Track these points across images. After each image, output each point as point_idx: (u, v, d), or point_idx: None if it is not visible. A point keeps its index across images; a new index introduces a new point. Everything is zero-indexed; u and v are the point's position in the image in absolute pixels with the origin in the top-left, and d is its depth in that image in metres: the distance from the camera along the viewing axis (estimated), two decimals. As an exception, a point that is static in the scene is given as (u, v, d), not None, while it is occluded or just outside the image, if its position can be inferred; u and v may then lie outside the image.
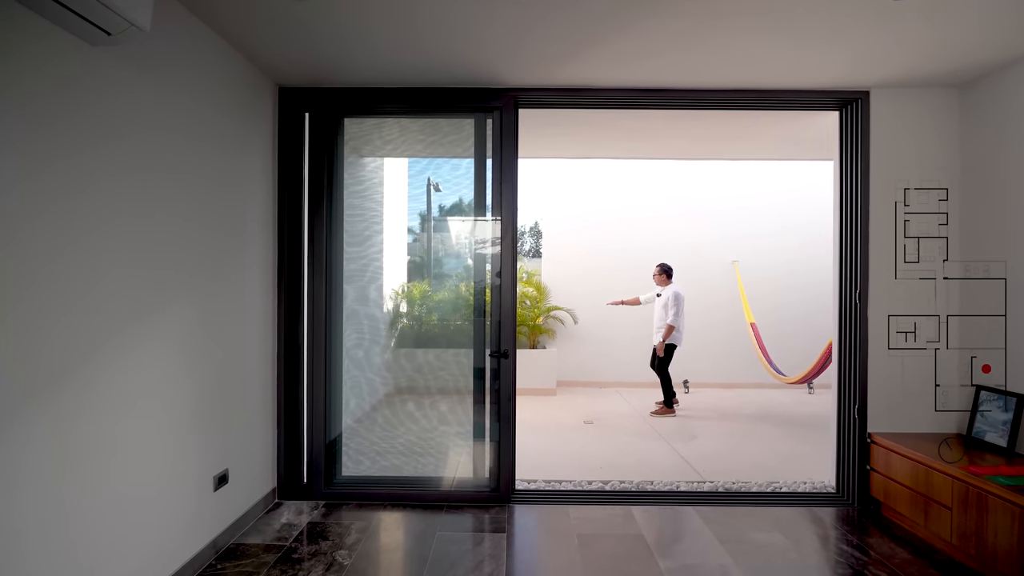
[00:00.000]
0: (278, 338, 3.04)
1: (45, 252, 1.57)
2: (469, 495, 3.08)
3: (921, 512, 2.59)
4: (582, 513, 2.94)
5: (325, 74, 2.89)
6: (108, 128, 1.80)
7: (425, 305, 3.67)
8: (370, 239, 3.45)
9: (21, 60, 1.50)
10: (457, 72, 2.87)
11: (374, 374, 3.44)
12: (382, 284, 3.55)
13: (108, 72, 1.80)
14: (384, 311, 3.57)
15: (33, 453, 1.53)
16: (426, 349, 3.65)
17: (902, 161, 3.00)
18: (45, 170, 1.57)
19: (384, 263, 3.56)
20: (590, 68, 2.80)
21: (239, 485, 2.64)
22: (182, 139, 2.18)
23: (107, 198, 1.79)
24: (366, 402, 3.40)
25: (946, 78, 2.88)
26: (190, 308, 2.25)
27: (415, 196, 3.69)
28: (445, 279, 3.70)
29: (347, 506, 3.00)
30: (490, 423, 3.13)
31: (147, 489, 2.01)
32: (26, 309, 1.51)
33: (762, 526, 2.78)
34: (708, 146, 4.33)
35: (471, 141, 3.16)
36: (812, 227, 6.74)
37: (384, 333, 3.55)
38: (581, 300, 6.79)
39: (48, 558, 1.59)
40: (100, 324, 1.77)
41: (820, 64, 2.73)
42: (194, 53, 2.26)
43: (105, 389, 1.80)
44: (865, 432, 3.02)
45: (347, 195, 3.25)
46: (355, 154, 3.40)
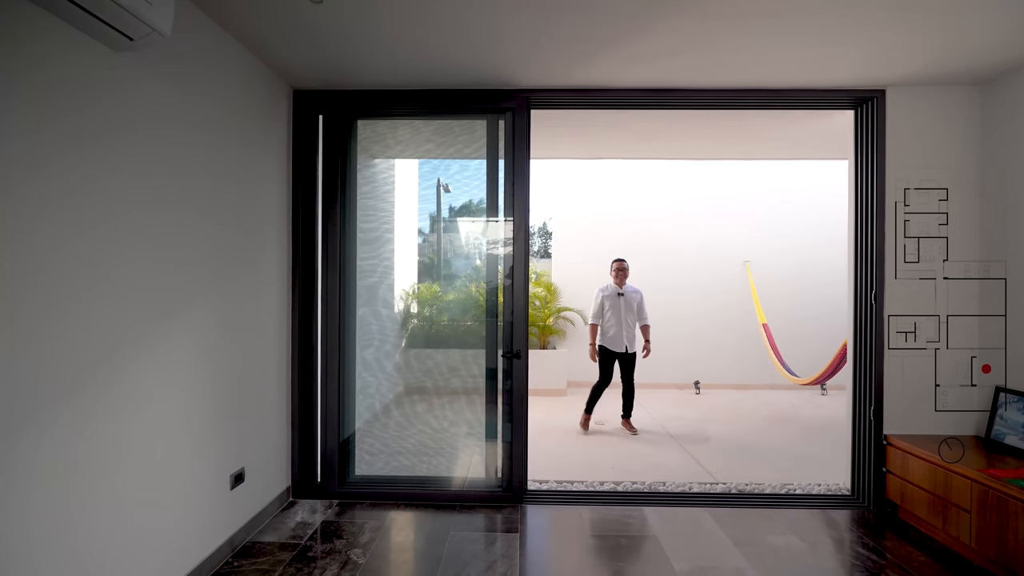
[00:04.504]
0: (293, 338, 3.07)
1: (59, 242, 1.60)
2: (482, 495, 3.09)
3: (939, 515, 2.56)
4: (595, 514, 2.94)
5: (338, 76, 2.91)
6: (121, 124, 1.83)
7: (436, 306, 3.69)
8: (382, 240, 3.47)
9: (52, 67, 1.54)
10: (470, 74, 2.88)
11: (386, 374, 3.46)
12: (393, 284, 3.57)
13: (128, 72, 1.83)
14: (396, 312, 3.59)
15: (49, 452, 1.57)
16: (437, 349, 3.66)
17: (918, 161, 2.97)
18: (69, 158, 1.61)
19: (396, 264, 3.59)
20: (603, 69, 2.80)
21: (255, 483, 2.67)
22: (202, 137, 2.22)
23: (125, 189, 1.82)
24: (378, 402, 3.42)
25: (964, 76, 2.85)
26: (209, 305, 2.28)
27: (425, 197, 3.71)
28: (455, 279, 3.72)
29: (360, 505, 3.02)
30: (502, 423, 3.14)
31: (165, 487, 2.04)
32: (37, 299, 1.54)
33: (776, 528, 2.76)
34: (721, 146, 4.31)
35: (483, 142, 3.17)
36: (826, 227, 6.70)
37: (396, 333, 3.57)
38: (591, 301, 6.76)
39: (62, 559, 1.62)
40: (117, 319, 1.80)
41: (835, 63, 2.71)
42: (211, 56, 2.30)
43: (123, 387, 1.83)
44: (881, 434, 2.99)
45: (360, 196, 3.27)
46: (367, 155, 3.42)
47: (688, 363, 6.71)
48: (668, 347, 6.73)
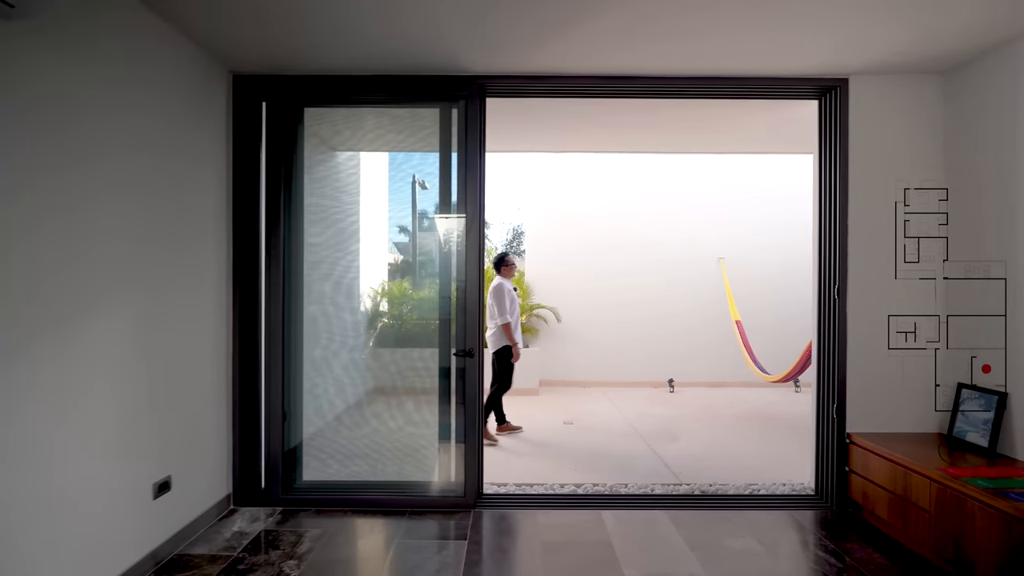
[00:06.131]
0: (233, 337, 2.90)
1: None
2: (434, 500, 2.95)
3: (900, 516, 2.48)
4: (551, 519, 2.82)
5: (280, 61, 2.76)
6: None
7: (392, 304, 3.54)
8: (341, 235, 3.31)
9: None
10: (421, 59, 2.74)
11: (337, 375, 3.30)
12: (350, 282, 3.42)
13: (18, 45, 1.67)
14: (351, 311, 3.44)
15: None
16: (393, 349, 3.52)
17: (884, 152, 2.90)
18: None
19: (352, 261, 3.43)
20: (559, 53, 2.68)
21: (185, 492, 2.51)
22: (133, 118, 2.05)
23: (30, 170, 1.66)
24: (330, 403, 3.27)
25: (928, 64, 2.78)
26: (130, 304, 2.11)
27: (398, 190, 3.53)
28: (412, 277, 3.57)
29: (306, 512, 2.87)
30: (456, 425, 3.01)
31: (76, 495, 1.87)
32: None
33: (736, 531, 2.66)
34: (686, 139, 4.22)
35: (437, 133, 3.04)
36: (804, 223, 6.59)
37: (350, 333, 3.41)
38: (564, 298, 6.68)
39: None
40: (35, 316, 1.65)
41: (797, 50, 2.63)
42: (126, 34, 2.13)
43: (39, 388, 1.70)
44: (844, 432, 2.91)
45: (312, 189, 3.12)
46: (326, 146, 3.27)
47: (662, 361, 6.63)
48: (642, 345, 6.66)
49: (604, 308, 6.69)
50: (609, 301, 6.68)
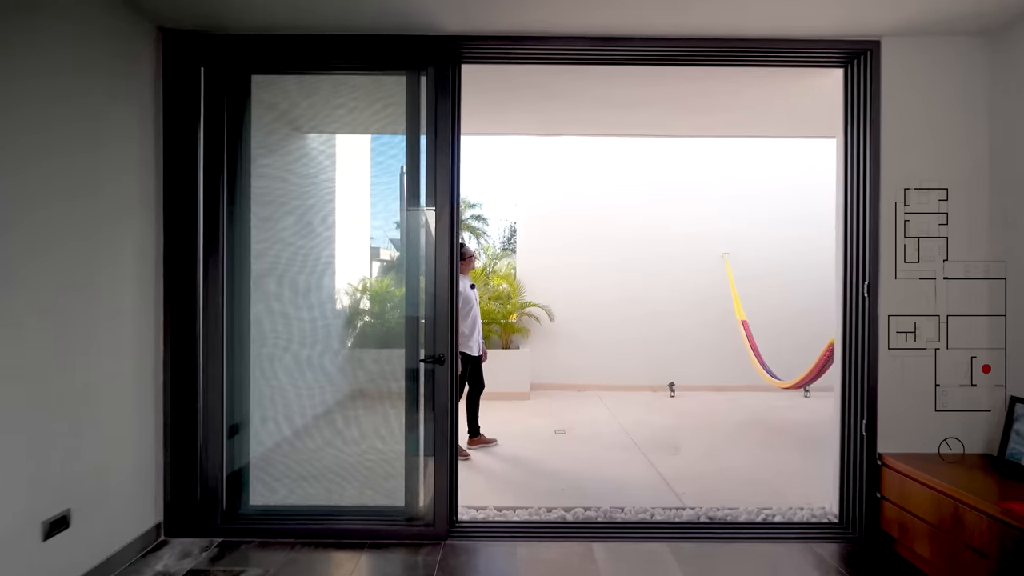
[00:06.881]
0: (165, 345, 2.49)
1: None
2: (399, 531, 2.55)
3: (946, 556, 2.08)
4: (533, 552, 2.42)
5: (221, 12, 2.32)
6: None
7: (353, 304, 3.13)
8: (297, 225, 2.90)
9: None
10: (386, 17, 2.33)
11: (295, 383, 2.89)
12: (307, 279, 3.00)
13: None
14: (308, 309, 3.02)
15: None
16: (361, 349, 3.12)
17: (929, 126, 2.51)
18: None
19: (312, 257, 3.01)
20: (545, 11, 2.27)
21: (93, 527, 2.10)
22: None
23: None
24: (288, 417, 2.86)
25: (970, 23, 2.37)
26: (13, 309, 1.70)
27: (383, 179, 3.08)
28: (380, 273, 3.16)
29: (248, 545, 2.46)
30: (424, 440, 2.60)
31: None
32: None
33: (749, 570, 2.26)
34: (687, 120, 3.80)
35: (403, 107, 2.62)
36: (813, 216, 6.11)
37: (308, 336, 2.99)
38: (558, 296, 6.27)
39: None
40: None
41: (819, 5, 2.22)
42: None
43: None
44: (875, 452, 2.51)
45: (263, 173, 2.71)
46: (280, 122, 2.85)
47: (662, 363, 6.23)
48: (641, 346, 6.26)
49: (600, 306, 6.28)
50: (605, 299, 6.27)
